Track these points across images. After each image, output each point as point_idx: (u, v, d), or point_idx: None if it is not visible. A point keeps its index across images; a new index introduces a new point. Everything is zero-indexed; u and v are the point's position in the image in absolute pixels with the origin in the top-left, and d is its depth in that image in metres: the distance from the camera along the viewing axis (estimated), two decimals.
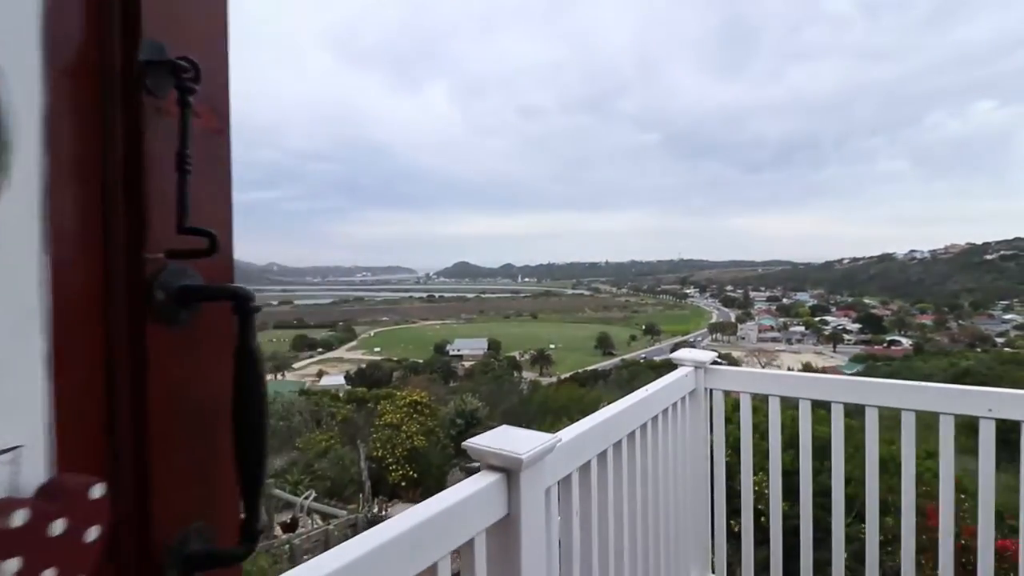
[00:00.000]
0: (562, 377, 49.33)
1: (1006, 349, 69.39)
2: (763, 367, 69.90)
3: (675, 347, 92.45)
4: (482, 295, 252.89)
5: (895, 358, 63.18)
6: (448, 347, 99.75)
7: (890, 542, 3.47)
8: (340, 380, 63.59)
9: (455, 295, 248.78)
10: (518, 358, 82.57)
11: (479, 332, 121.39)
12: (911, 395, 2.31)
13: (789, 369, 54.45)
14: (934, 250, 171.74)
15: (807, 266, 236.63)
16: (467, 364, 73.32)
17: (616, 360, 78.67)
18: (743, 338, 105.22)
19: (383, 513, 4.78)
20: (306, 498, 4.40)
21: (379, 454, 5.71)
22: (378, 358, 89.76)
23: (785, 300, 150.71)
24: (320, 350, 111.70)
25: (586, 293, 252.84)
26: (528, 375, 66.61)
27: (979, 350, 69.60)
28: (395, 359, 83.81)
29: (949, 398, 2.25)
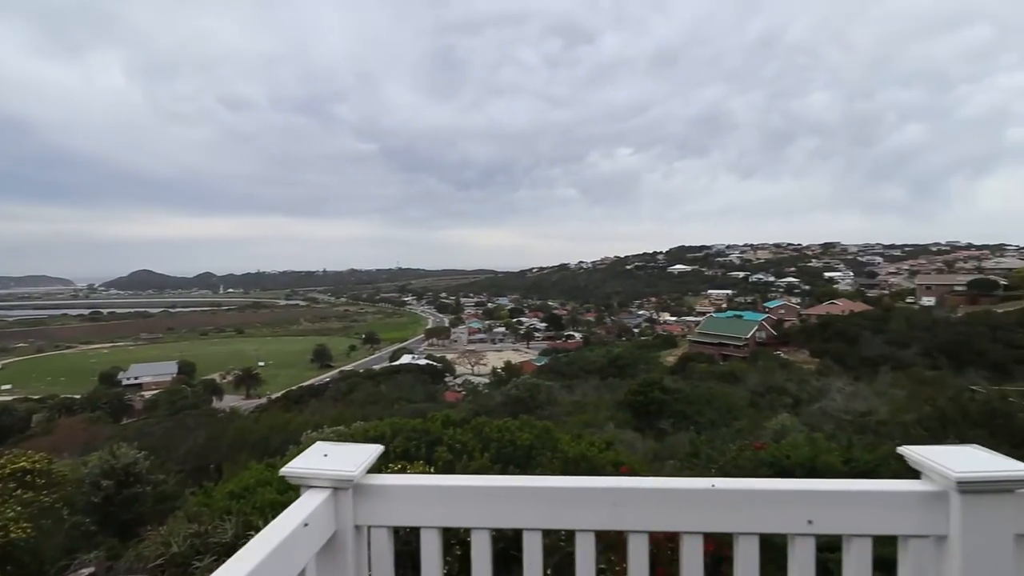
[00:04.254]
0: (273, 397, 44.93)
1: (641, 338, 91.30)
2: (472, 367, 76.25)
3: (395, 354, 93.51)
4: (172, 309, 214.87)
5: (571, 350, 76.57)
6: (121, 375, 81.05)
7: None
8: None
9: (133, 311, 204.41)
10: (219, 381, 72.29)
11: (167, 354, 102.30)
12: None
13: (495, 371, 60.38)
14: (595, 261, 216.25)
15: (507, 274, 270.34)
16: (149, 394, 60.63)
17: (334, 372, 75.76)
18: (456, 341, 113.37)
19: None
20: None
21: None
22: (8, 398, 67.33)
23: (490, 304, 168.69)
24: None
25: (302, 303, 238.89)
26: (231, 400, 58.80)
27: (624, 339, 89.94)
28: (36, 397, 64.07)
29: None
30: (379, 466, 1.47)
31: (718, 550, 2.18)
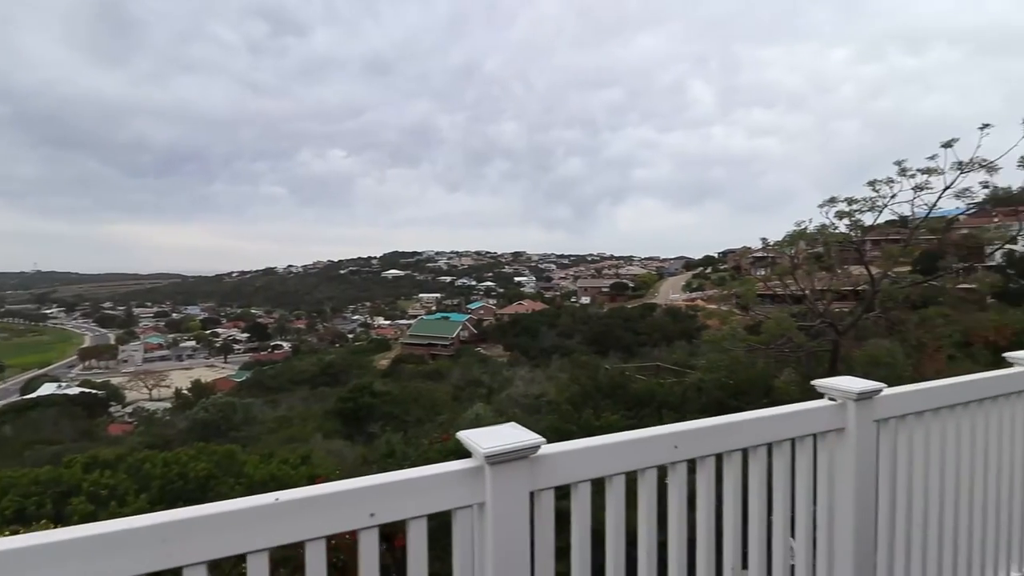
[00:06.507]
0: None
1: (356, 343, 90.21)
2: (150, 391, 63.85)
3: (29, 384, 72.00)
4: None
5: (278, 361, 70.83)
6: None
7: None
8: None
9: None
10: None
11: None
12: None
13: (180, 393, 51.32)
14: (306, 265, 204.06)
15: (198, 279, 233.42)
16: None
17: None
18: (127, 361, 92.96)
19: None
20: None
21: None
22: None
23: (175, 315, 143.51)
24: None
25: None
26: None
27: (338, 346, 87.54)
28: None
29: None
30: None
31: None
